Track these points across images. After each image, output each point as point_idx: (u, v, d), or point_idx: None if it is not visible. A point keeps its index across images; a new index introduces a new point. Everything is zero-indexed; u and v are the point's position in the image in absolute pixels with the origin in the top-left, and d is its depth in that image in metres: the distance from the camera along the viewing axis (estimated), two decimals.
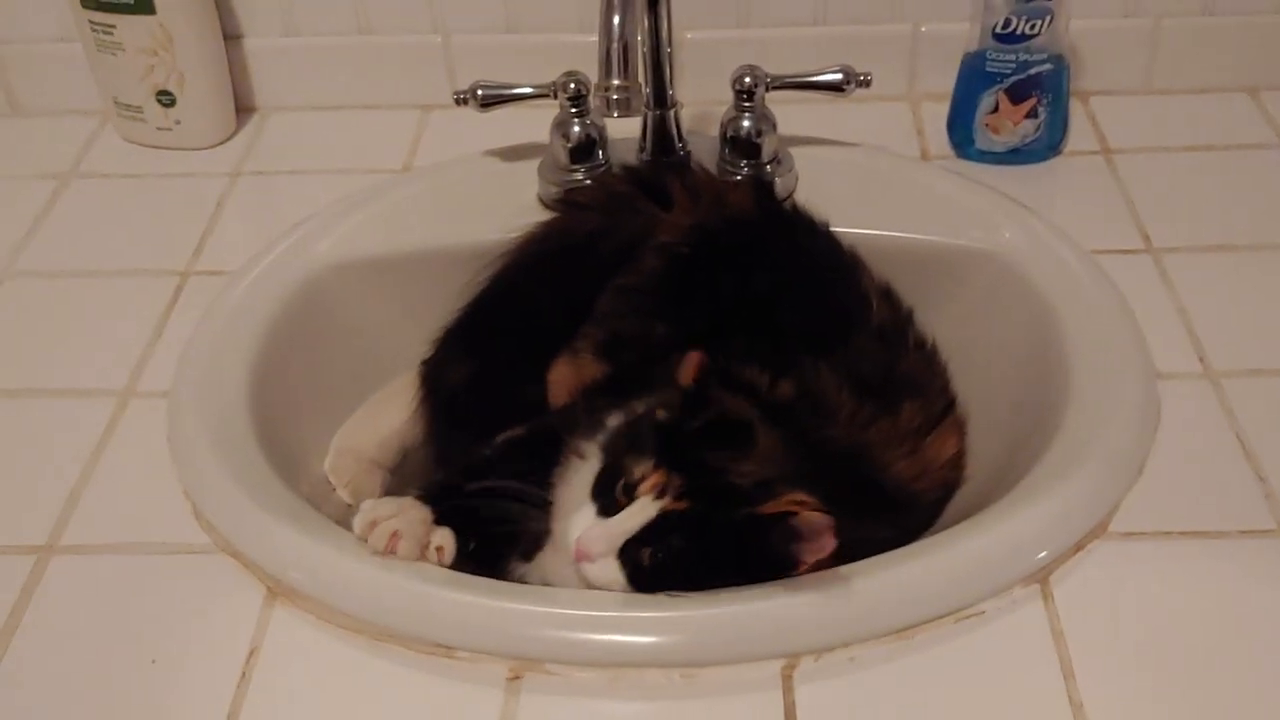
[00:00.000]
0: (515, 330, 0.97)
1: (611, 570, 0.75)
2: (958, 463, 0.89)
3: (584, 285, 0.95)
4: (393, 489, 0.98)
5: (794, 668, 0.73)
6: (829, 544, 0.70)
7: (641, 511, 0.74)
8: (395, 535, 0.77)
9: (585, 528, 0.75)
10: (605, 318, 0.93)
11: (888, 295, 0.95)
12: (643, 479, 0.74)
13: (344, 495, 0.95)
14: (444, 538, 0.78)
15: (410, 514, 0.78)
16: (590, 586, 0.76)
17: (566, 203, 1.05)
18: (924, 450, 0.86)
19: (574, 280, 0.96)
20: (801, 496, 0.70)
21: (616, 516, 0.74)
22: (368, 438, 0.97)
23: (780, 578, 0.74)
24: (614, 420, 0.82)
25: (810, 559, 0.72)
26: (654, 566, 0.74)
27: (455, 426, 0.95)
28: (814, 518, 0.69)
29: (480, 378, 0.96)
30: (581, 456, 0.81)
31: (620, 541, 0.74)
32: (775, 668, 0.73)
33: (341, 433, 0.97)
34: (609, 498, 0.76)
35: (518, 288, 0.98)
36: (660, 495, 0.73)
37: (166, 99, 1.17)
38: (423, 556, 0.78)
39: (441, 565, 0.78)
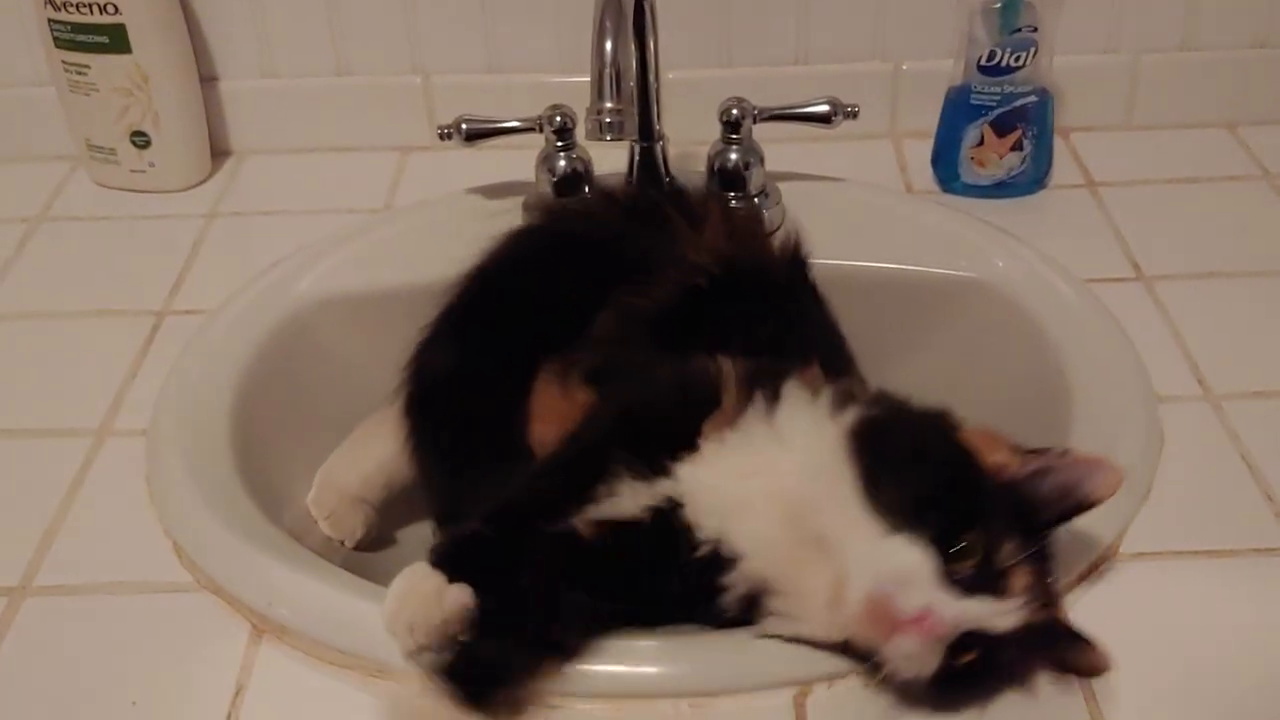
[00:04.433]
0: (509, 316, 0.90)
1: (927, 660, 0.63)
2: None
3: (588, 284, 0.89)
4: (380, 527, 0.95)
5: (807, 695, 0.70)
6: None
7: (1009, 612, 0.64)
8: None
9: (937, 593, 0.63)
10: (603, 343, 0.87)
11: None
12: (1012, 570, 0.64)
13: (325, 529, 0.92)
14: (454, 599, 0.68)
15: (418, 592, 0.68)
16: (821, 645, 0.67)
17: (598, 193, 1.01)
18: None
19: (579, 276, 0.90)
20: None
21: (983, 603, 0.63)
22: (351, 471, 0.94)
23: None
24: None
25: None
26: (968, 674, 0.64)
27: (438, 427, 0.89)
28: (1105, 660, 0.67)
29: (465, 367, 0.89)
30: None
31: (966, 630, 0.63)
32: (787, 696, 0.70)
33: (326, 465, 0.94)
34: (944, 556, 0.64)
35: (519, 269, 0.93)
36: (1030, 601, 0.64)
37: (141, 140, 1.15)
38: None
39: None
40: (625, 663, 0.71)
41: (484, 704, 0.66)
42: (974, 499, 0.66)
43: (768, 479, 0.70)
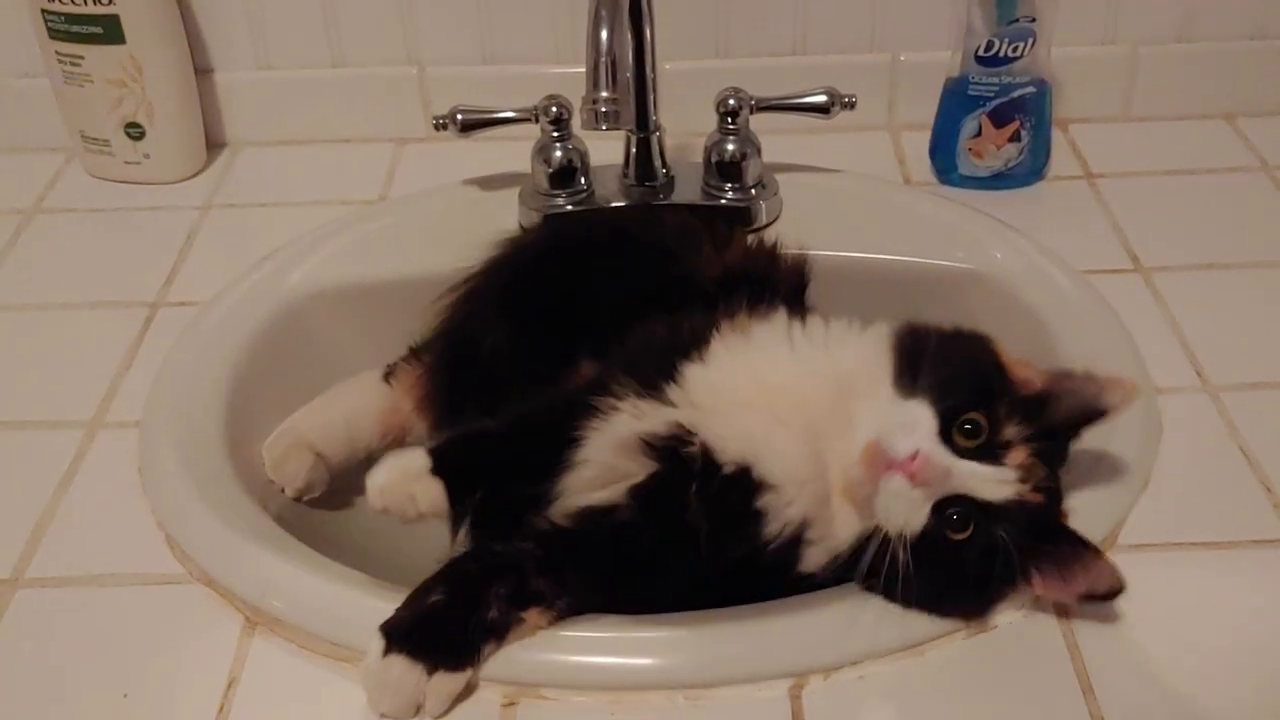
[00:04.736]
0: (548, 293, 0.90)
1: (914, 509, 0.66)
2: None
3: (622, 281, 0.88)
4: (334, 487, 0.95)
5: (802, 687, 0.70)
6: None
7: (1002, 482, 0.67)
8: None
9: (931, 444, 0.67)
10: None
11: None
12: (1011, 446, 0.68)
13: (267, 470, 0.91)
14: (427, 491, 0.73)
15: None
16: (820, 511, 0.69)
17: (645, 208, 1.04)
18: None
19: (615, 271, 0.90)
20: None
21: (974, 463, 0.67)
22: (313, 420, 0.93)
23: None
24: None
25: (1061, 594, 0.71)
26: (961, 546, 0.67)
27: (466, 385, 0.89)
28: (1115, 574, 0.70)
29: (500, 332, 0.88)
30: None
31: (956, 491, 0.67)
32: (783, 688, 0.70)
33: (295, 414, 0.94)
34: (948, 429, 0.68)
35: (557, 254, 0.93)
36: (1025, 479, 0.68)
37: (135, 131, 1.14)
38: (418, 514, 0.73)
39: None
40: (621, 654, 0.71)
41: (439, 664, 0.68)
42: (992, 390, 0.71)
43: (794, 377, 0.73)
